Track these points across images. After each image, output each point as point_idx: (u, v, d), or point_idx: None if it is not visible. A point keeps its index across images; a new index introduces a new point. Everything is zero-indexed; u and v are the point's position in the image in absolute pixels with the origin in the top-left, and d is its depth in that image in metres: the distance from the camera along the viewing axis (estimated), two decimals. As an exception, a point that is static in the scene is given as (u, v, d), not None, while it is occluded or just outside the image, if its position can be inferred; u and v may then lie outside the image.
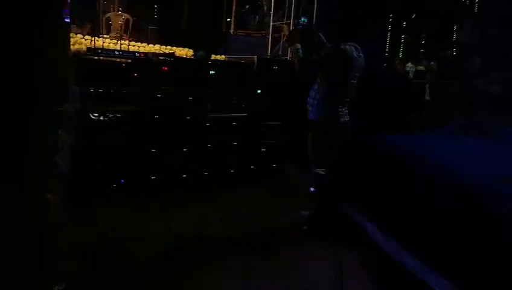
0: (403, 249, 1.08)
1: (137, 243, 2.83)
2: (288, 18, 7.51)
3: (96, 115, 3.58)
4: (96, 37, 5.74)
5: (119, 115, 3.65)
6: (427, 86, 10.85)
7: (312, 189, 1.55)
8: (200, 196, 3.83)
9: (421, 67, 11.55)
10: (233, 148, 4.30)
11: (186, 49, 6.13)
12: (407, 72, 10.33)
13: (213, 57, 4.90)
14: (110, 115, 3.62)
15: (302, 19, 7.42)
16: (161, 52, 5.53)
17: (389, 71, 7.50)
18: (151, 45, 5.98)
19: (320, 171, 1.49)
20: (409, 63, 11.35)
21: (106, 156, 3.58)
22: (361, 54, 3.24)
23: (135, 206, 3.45)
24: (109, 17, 7.48)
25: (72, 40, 4.95)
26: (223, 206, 3.70)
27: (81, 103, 3.47)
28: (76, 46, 4.99)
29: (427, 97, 10.48)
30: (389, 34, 13.21)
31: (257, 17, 10.59)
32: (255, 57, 4.57)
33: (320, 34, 3.63)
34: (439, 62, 12.19)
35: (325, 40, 3.55)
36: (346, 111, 3.30)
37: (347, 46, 3.12)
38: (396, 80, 5.64)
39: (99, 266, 2.47)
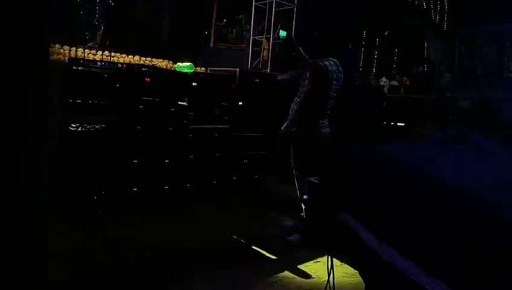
0: (400, 255, 1.13)
1: (112, 255, 2.78)
2: (268, 32, 7.67)
3: (77, 125, 3.54)
4: (74, 48, 5.67)
5: (101, 126, 3.61)
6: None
7: (305, 197, 1.61)
8: (182, 207, 3.82)
9: (394, 82, 11.94)
10: (215, 159, 4.31)
11: (166, 61, 6.15)
12: (382, 86, 10.66)
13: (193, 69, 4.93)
14: (92, 126, 3.59)
15: (281, 34, 7.61)
16: (141, 63, 5.52)
17: (364, 85, 7.74)
18: (130, 56, 5.97)
19: (314, 180, 1.55)
20: (383, 78, 11.73)
21: (88, 167, 3.52)
22: (340, 69, 3.38)
23: (114, 218, 3.40)
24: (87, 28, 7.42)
25: (51, 49, 4.89)
26: (206, 217, 3.69)
27: (61, 113, 3.42)
28: (55, 56, 4.93)
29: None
30: (362, 50, 13.63)
31: (234, 30, 10.73)
32: (237, 69, 4.64)
33: (299, 48, 3.75)
34: (411, 78, 12.64)
35: (304, 54, 3.66)
36: (327, 123, 3.42)
37: (326, 62, 3.25)
38: (372, 93, 5.83)
39: (74, 277, 2.41)
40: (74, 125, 3.49)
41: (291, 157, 3.40)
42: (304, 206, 2.98)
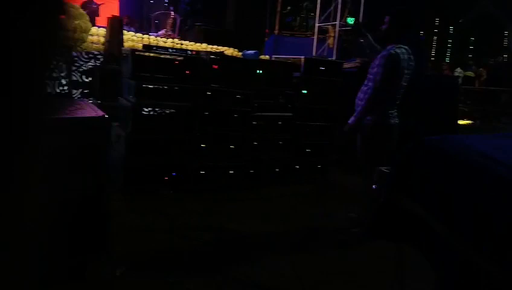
0: (471, 248, 1.07)
1: (180, 236, 2.90)
2: (334, 19, 7.49)
3: (149, 109, 3.72)
4: (147, 35, 5.94)
5: (171, 110, 3.77)
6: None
7: (374, 186, 1.56)
8: (245, 192, 3.89)
9: (469, 73, 11.15)
10: (278, 146, 4.33)
11: (231, 49, 6.25)
12: (457, 77, 10.00)
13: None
14: (163, 110, 3.75)
15: (349, 20, 7.38)
16: (209, 50, 5.66)
17: (437, 75, 7.30)
18: (198, 44, 6.14)
19: (384, 169, 1.51)
20: (458, 68, 10.99)
21: (158, 149, 3.70)
22: (412, 57, 3.22)
23: (182, 199, 3.55)
24: (157, 15, 7.72)
25: (124, 37, 5.17)
26: (268, 204, 3.74)
27: (136, 97, 3.61)
28: (129, 44, 5.20)
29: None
30: (435, 38, 12.86)
31: (298, 18, 10.60)
32: (302, 57, 4.59)
33: (368, 35, 3.62)
34: (488, 68, 11.72)
35: (373, 42, 3.53)
36: (396, 113, 3.29)
37: (397, 50, 3.10)
38: (444, 83, 5.48)
39: (144, 255, 2.55)
40: (146, 110, 3.67)
41: (358, 148, 3.32)
42: (370, 198, 2.91)
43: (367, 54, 3.85)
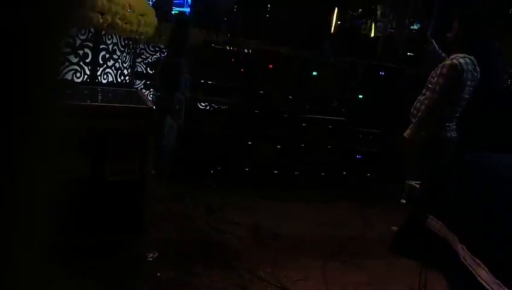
0: (496, 278, 0.99)
1: (215, 229, 2.97)
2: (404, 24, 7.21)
3: (202, 103, 3.85)
4: (206, 31, 6.08)
5: (223, 106, 3.87)
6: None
7: (403, 201, 1.49)
8: (287, 193, 3.89)
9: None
10: (326, 151, 4.26)
11: (289, 49, 6.21)
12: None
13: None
14: (215, 105, 3.87)
15: (416, 25, 7.02)
16: (266, 49, 5.67)
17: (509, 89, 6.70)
18: (256, 41, 6.16)
19: (415, 184, 1.43)
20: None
21: (206, 143, 3.82)
22: (477, 69, 3.00)
23: (224, 193, 3.64)
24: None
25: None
26: (308, 207, 3.71)
27: (192, 91, 3.76)
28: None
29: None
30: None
31: (369, 21, 10.26)
32: (361, 61, 4.48)
33: (433, 40, 3.42)
34: None
35: (437, 48, 3.34)
36: (454, 126, 3.10)
37: (461, 60, 2.91)
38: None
39: (178, 243, 2.66)
40: (199, 104, 3.81)
41: (407, 158, 3.18)
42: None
43: (431, 61, 3.63)
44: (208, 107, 4.20)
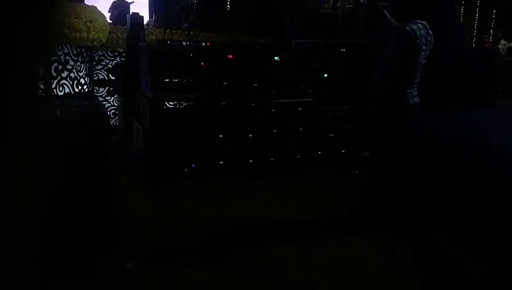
0: (452, 241, 1.00)
1: (196, 226, 2.94)
2: (360, -2, 7.24)
3: (166, 102, 3.79)
4: (162, 29, 5.97)
5: (187, 103, 3.82)
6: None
7: (356, 172, 1.50)
8: (265, 181, 3.87)
9: (514, 44, 10.34)
10: (299, 133, 4.26)
11: (249, 37, 6.16)
12: (498, 49, 9.30)
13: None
14: (181, 103, 3.81)
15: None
16: (226, 40, 5.61)
17: (473, 50, 6.84)
18: (215, 34, 6.09)
19: (365, 154, 1.44)
20: (502, 40, 10.23)
21: (176, 142, 3.77)
22: (430, 32, 3.05)
23: (201, 190, 3.60)
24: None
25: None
26: (287, 192, 3.70)
27: (154, 92, 3.68)
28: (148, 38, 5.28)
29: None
30: (477, 9, 12.00)
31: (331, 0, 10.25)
32: (321, 40, 4.48)
33: (384, 10, 3.43)
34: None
35: (389, 18, 3.36)
36: (416, 92, 3.14)
37: (413, 26, 2.95)
38: (478, 59, 5.12)
39: (160, 246, 2.62)
40: (163, 104, 3.74)
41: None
42: None
43: (385, 31, 3.66)
44: (173, 106, 4.13)
